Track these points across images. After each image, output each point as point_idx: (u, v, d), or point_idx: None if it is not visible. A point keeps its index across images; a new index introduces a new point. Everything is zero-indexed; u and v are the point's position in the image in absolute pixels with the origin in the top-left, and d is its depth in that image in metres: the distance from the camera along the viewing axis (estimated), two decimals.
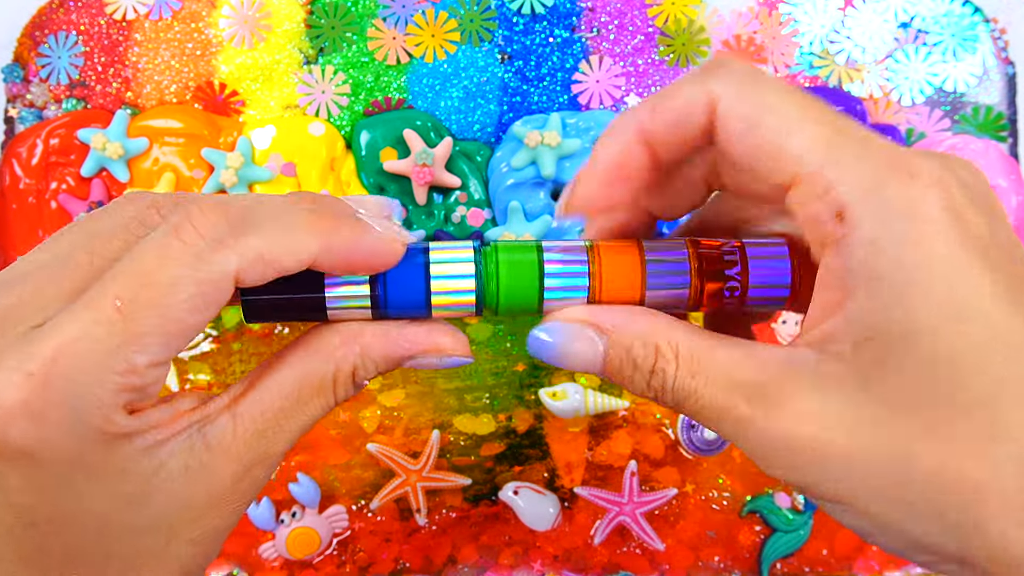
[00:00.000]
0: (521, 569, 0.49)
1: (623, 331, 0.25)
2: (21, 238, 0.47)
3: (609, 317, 0.26)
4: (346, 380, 0.27)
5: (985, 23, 0.50)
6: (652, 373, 0.25)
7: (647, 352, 0.25)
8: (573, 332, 0.26)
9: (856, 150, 0.22)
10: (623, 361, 0.25)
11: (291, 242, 0.24)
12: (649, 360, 0.25)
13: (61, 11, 0.49)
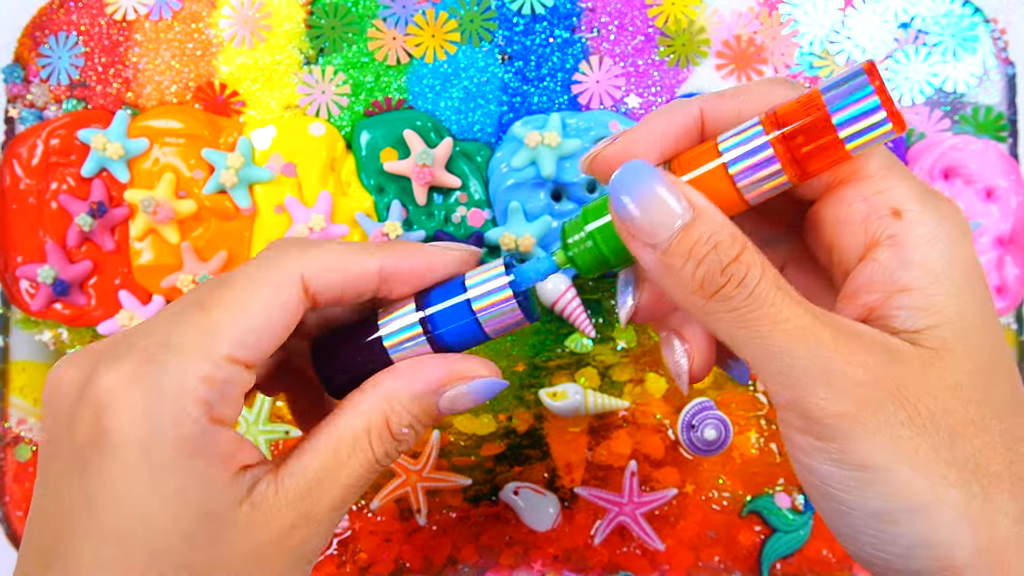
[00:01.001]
0: (521, 569, 0.49)
1: (713, 216, 0.24)
2: (21, 238, 0.47)
3: (703, 200, 0.24)
4: (380, 432, 0.27)
5: (985, 23, 0.50)
6: (735, 261, 0.23)
7: (734, 242, 0.23)
8: (659, 188, 0.24)
9: (902, 168, 0.24)
10: (701, 241, 0.23)
11: (352, 256, 0.27)
12: (733, 249, 0.23)
13: (61, 11, 0.49)
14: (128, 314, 0.46)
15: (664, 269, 0.24)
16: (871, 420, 0.22)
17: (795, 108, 0.24)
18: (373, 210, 0.48)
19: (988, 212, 0.48)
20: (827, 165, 0.24)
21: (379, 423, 0.27)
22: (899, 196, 0.24)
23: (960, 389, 0.23)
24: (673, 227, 0.23)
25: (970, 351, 0.23)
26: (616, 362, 0.49)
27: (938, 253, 0.23)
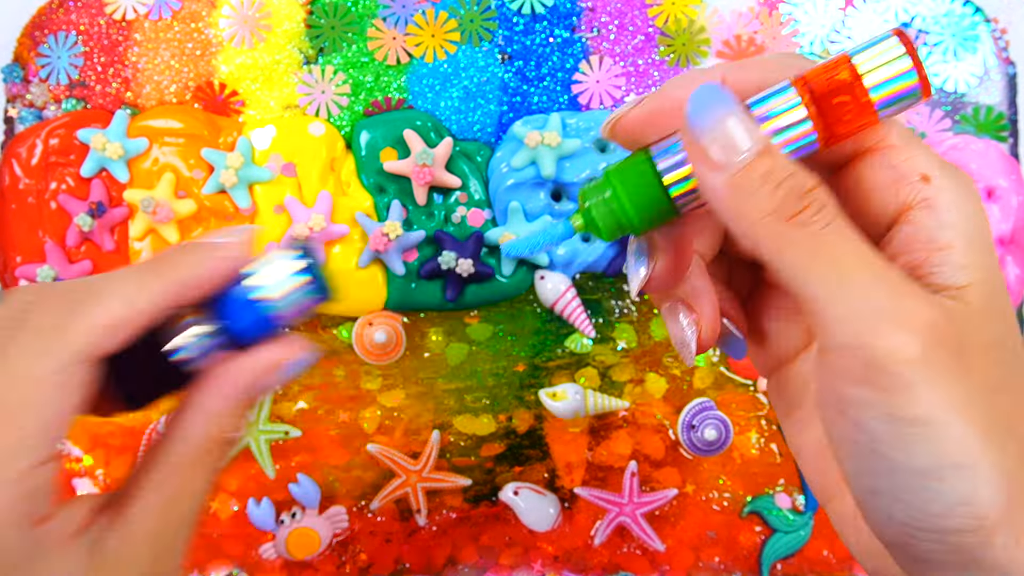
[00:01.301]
0: (521, 569, 0.49)
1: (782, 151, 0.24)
2: (21, 238, 0.47)
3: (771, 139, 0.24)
4: (211, 448, 0.27)
5: (986, 23, 0.50)
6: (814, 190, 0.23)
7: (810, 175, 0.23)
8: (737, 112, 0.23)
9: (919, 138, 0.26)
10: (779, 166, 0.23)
11: (133, 292, 0.25)
12: (811, 180, 0.23)
13: (61, 11, 0.49)
14: None
15: (735, 190, 0.23)
16: (933, 371, 0.22)
17: (825, 71, 0.24)
18: (373, 210, 0.47)
19: (988, 212, 0.48)
20: (856, 128, 0.25)
21: (209, 443, 0.27)
22: (924, 163, 0.25)
23: (996, 348, 0.23)
24: (749, 150, 0.23)
25: (1002, 310, 0.24)
26: (616, 362, 0.49)
27: (967, 215, 0.24)
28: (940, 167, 0.25)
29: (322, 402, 0.49)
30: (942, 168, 0.25)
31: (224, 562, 0.49)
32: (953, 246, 0.24)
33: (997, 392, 0.23)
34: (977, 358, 0.23)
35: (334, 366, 0.49)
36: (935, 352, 0.22)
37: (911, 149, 0.25)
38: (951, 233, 0.24)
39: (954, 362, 0.22)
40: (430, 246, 0.48)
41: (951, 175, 0.25)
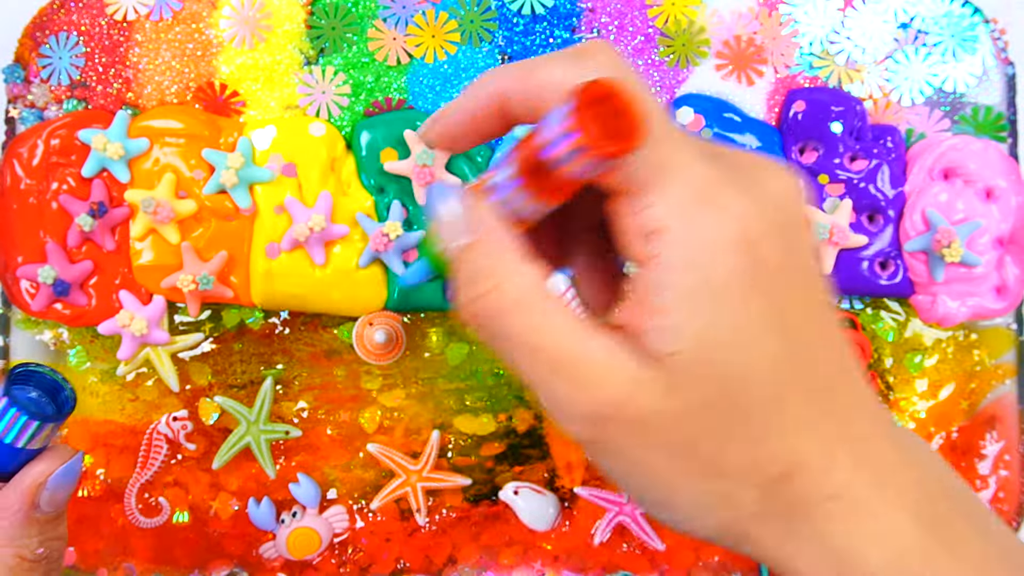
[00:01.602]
0: (521, 569, 0.49)
1: (481, 247, 0.25)
2: (22, 239, 0.47)
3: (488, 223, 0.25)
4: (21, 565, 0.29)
5: (985, 23, 0.50)
6: (481, 298, 0.25)
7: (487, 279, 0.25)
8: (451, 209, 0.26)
9: (681, 173, 0.24)
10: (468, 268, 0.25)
11: None
12: (484, 286, 0.25)
13: (62, 12, 0.49)
14: (128, 314, 0.47)
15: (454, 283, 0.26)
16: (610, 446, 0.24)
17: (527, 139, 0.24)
18: (373, 210, 0.48)
19: (988, 212, 0.48)
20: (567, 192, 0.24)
21: (16, 564, 0.29)
22: (662, 211, 0.23)
23: (701, 409, 0.24)
24: (456, 248, 0.25)
25: (715, 372, 0.23)
26: None
27: (692, 275, 0.23)
28: (683, 214, 0.23)
29: (322, 402, 0.49)
30: (686, 215, 0.23)
31: (224, 562, 0.49)
32: (663, 310, 0.23)
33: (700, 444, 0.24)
34: (671, 421, 0.24)
35: (334, 366, 0.49)
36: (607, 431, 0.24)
37: (657, 191, 0.24)
38: (667, 295, 0.23)
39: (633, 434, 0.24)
40: None
41: (695, 224, 0.23)
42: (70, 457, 0.30)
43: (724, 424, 0.24)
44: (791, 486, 0.24)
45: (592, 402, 0.24)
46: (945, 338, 0.50)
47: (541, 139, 0.23)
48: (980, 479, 0.50)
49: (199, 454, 0.49)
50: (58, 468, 0.30)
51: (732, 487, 0.25)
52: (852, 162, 0.49)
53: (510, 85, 0.26)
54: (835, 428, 0.25)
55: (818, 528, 0.24)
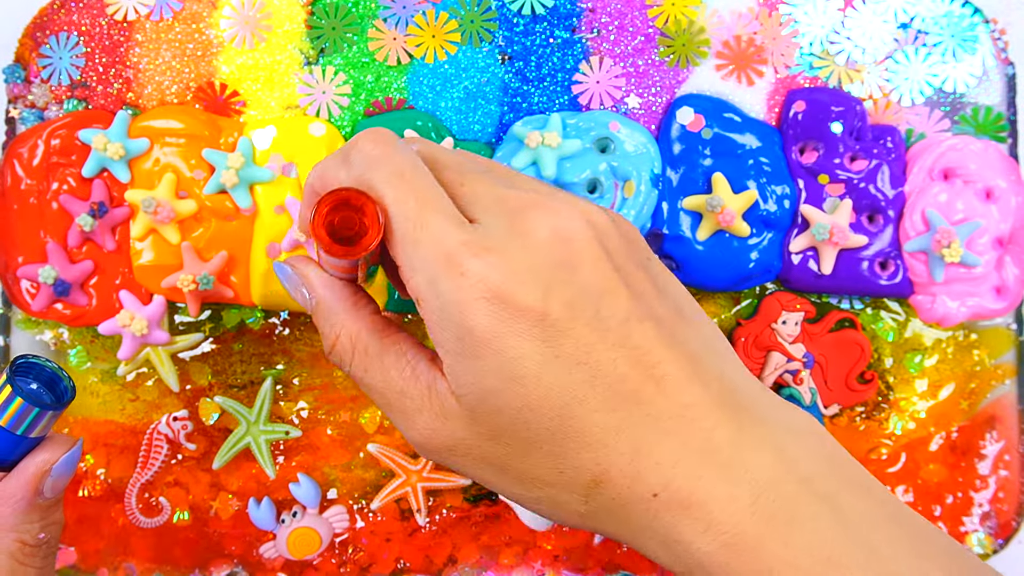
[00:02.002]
0: (521, 569, 0.49)
1: (319, 308, 0.31)
2: (22, 239, 0.47)
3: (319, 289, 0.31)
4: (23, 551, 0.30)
5: (985, 24, 0.50)
6: (330, 352, 0.30)
7: (330, 332, 0.30)
8: (296, 285, 0.32)
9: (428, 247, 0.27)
10: (319, 325, 0.31)
11: None
12: (329, 340, 0.30)
13: (62, 12, 0.49)
14: (129, 314, 0.47)
15: None
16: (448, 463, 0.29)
17: None
18: None
19: (988, 212, 0.48)
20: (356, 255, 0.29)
21: (17, 549, 0.30)
22: (416, 283, 0.27)
23: (495, 438, 0.28)
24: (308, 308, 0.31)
25: (497, 411, 0.27)
26: None
27: (447, 335, 0.27)
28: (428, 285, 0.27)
29: (322, 402, 0.49)
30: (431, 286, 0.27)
31: (224, 562, 0.49)
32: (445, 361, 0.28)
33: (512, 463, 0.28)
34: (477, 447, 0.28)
35: (334, 367, 0.49)
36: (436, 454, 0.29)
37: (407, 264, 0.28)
38: (441, 351, 0.28)
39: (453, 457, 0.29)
40: None
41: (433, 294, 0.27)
42: (71, 446, 0.32)
43: (523, 448, 0.27)
44: (608, 489, 0.27)
45: (415, 432, 0.29)
46: (945, 338, 0.50)
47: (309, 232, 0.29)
48: (980, 479, 0.50)
49: (199, 454, 0.49)
50: (61, 456, 0.31)
51: (556, 493, 0.28)
52: (852, 162, 0.49)
53: (317, 185, 0.31)
54: (650, 432, 0.26)
55: (646, 523, 0.26)
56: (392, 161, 0.28)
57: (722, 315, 0.49)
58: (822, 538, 0.25)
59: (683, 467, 0.26)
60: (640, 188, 0.47)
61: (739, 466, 0.26)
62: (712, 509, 0.25)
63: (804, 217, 0.48)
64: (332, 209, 0.28)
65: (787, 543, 0.25)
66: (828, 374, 0.49)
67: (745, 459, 0.26)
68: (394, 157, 0.28)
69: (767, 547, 0.25)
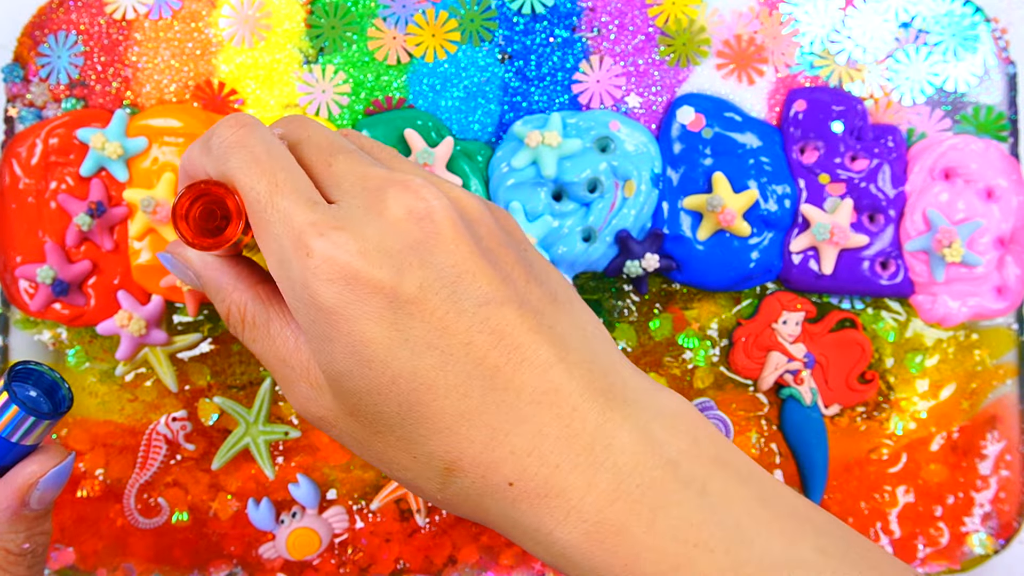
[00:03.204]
0: (521, 569, 0.49)
1: (207, 287, 0.31)
2: (21, 238, 0.47)
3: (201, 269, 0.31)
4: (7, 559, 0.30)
5: (986, 23, 0.50)
6: (225, 317, 0.31)
7: (221, 303, 0.31)
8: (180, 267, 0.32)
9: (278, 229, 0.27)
10: (210, 299, 0.32)
11: None
12: (222, 309, 0.31)
13: (61, 11, 0.49)
14: (127, 314, 0.46)
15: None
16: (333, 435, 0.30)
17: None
18: None
19: (988, 212, 0.48)
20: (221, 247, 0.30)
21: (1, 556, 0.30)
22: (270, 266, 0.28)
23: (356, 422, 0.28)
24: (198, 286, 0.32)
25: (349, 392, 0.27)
26: None
27: (299, 318, 0.27)
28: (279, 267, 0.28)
29: None
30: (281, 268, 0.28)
31: (224, 562, 0.49)
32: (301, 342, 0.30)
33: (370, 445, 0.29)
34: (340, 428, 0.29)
35: None
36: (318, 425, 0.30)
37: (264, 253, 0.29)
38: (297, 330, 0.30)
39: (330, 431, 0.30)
40: None
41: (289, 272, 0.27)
42: (63, 459, 0.31)
43: (376, 429, 0.27)
44: (462, 477, 0.26)
45: (293, 400, 0.29)
46: (946, 338, 0.50)
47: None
48: (981, 479, 0.50)
49: (198, 455, 0.49)
50: (51, 469, 0.31)
51: (413, 477, 0.28)
52: (853, 162, 0.49)
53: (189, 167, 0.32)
54: (505, 420, 0.26)
55: (505, 512, 0.26)
56: (246, 146, 0.28)
57: (722, 315, 0.49)
58: (688, 522, 0.24)
59: (538, 455, 0.25)
60: (640, 188, 0.47)
61: (601, 451, 0.25)
62: (571, 497, 0.25)
63: (805, 217, 0.48)
64: (195, 200, 0.29)
65: (651, 529, 0.24)
66: (829, 374, 0.49)
67: (609, 444, 0.25)
68: (248, 141, 0.28)
69: (631, 533, 0.24)
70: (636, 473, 0.25)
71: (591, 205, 0.47)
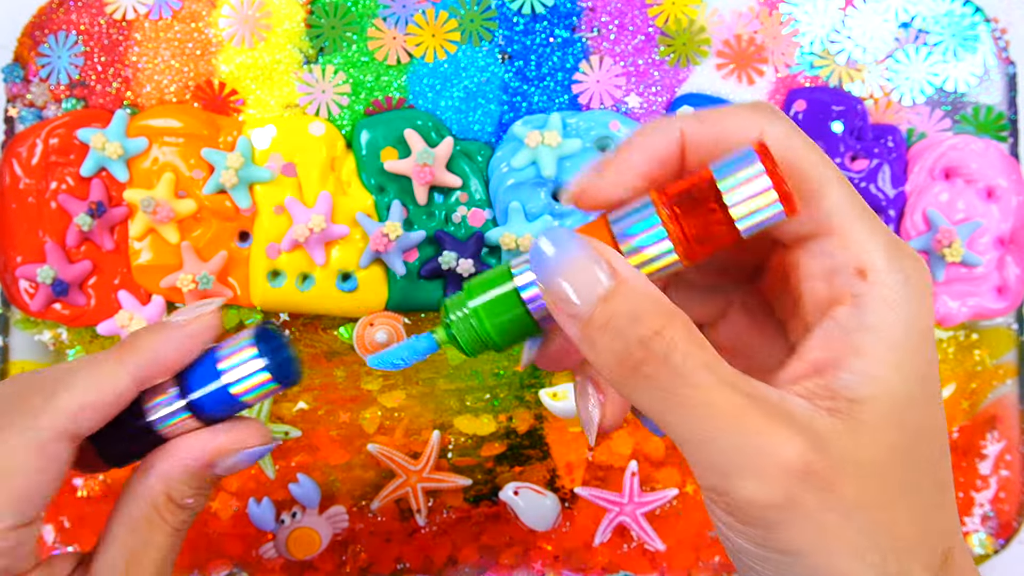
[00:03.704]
0: (521, 569, 0.49)
1: (636, 285, 0.22)
2: (21, 238, 0.47)
3: (628, 268, 0.23)
4: (167, 506, 0.29)
5: (986, 23, 0.50)
6: (657, 336, 0.22)
7: (657, 315, 0.22)
8: (582, 256, 0.23)
9: (873, 220, 0.23)
10: (620, 313, 0.22)
11: (102, 382, 0.28)
12: (657, 322, 0.22)
13: (61, 11, 0.49)
14: (127, 314, 0.46)
15: (587, 342, 0.22)
16: (798, 511, 0.21)
17: (687, 188, 0.24)
18: (374, 210, 0.47)
19: (988, 212, 0.48)
20: (720, 246, 0.24)
21: (162, 502, 0.29)
22: (867, 254, 0.23)
23: (885, 466, 0.22)
24: (595, 297, 0.22)
25: (903, 423, 0.22)
26: None
27: (898, 318, 0.22)
28: (885, 258, 0.23)
29: (322, 402, 0.49)
30: (888, 259, 0.23)
31: (224, 562, 0.49)
32: (866, 353, 0.22)
33: (882, 509, 0.22)
34: (859, 482, 0.22)
35: (335, 367, 0.49)
36: (799, 491, 0.21)
37: (857, 234, 0.23)
38: (870, 338, 0.22)
39: (823, 494, 0.21)
40: (431, 246, 0.48)
41: (896, 269, 0.23)
42: (263, 443, 0.30)
43: (900, 486, 0.22)
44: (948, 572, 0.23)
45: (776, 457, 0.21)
46: (946, 338, 0.50)
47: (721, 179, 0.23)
48: (981, 479, 0.50)
49: None
50: (250, 447, 0.30)
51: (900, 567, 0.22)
52: (853, 162, 0.49)
53: (695, 128, 0.25)
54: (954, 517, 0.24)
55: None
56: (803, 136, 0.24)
57: None
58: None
59: None
60: None
61: None
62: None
63: None
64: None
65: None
66: None
67: None
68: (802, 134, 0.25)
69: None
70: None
71: None
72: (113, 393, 0.28)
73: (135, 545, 0.29)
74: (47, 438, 0.27)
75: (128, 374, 0.28)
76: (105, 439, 0.30)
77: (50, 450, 0.27)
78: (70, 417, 0.27)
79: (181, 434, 0.30)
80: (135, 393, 0.29)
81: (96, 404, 0.28)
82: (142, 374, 0.29)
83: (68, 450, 0.28)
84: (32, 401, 0.28)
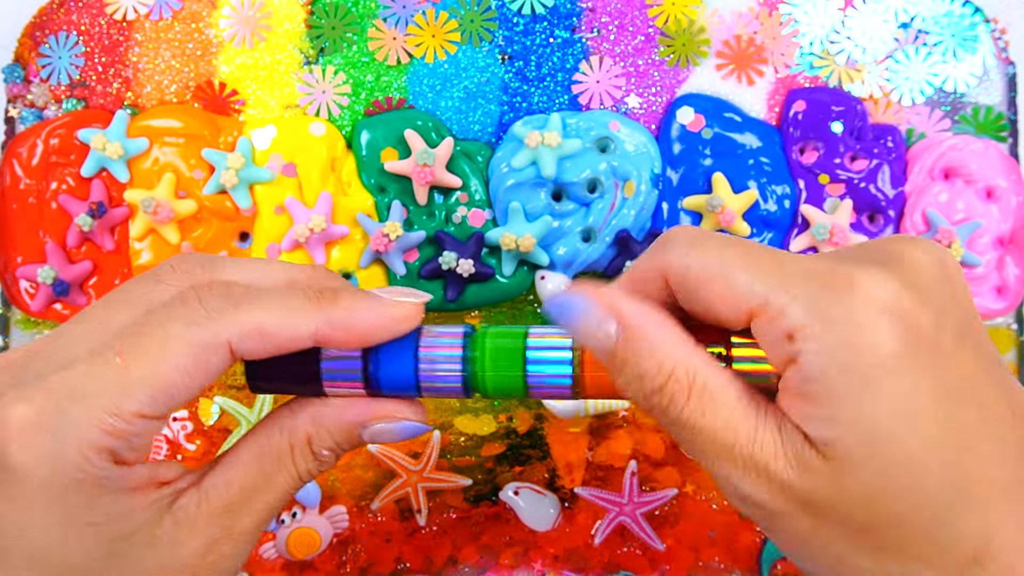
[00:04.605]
0: (521, 569, 0.49)
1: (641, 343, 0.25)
2: (21, 238, 0.47)
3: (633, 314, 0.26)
4: (303, 449, 0.28)
5: (985, 23, 0.50)
6: (657, 393, 0.25)
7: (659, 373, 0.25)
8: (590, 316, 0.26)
9: (795, 274, 0.24)
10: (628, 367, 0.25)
11: (287, 320, 0.27)
12: (657, 380, 0.25)
13: (61, 11, 0.49)
14: None
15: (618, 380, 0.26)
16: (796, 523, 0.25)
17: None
18: (374, 210, 0.47)
19: (988, 212, 0.48)
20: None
21: (302, 442, 0.28)
22: (790, 317, 0.24)
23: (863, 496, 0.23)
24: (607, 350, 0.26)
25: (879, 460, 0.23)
26: None
27: (834, 364, 0.23)
28: (809, 311, 0.24)
29: None
30: (813, 313, 0.24)
31: None
32: (814, 401, 0.23)
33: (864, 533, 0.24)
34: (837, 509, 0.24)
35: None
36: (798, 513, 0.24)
37: (778, 300, 0.24)
38: (814, 387, 0.23)
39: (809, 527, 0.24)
40: (431, 246, 0.48)
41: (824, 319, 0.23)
42: (419, 420, 0.30)
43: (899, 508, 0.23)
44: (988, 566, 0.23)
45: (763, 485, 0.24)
46: None
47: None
48: None
49: (199, 454, 0.49)
50: (403, 422, 0.29)
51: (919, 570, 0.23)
52: (852, 162, 0.49)
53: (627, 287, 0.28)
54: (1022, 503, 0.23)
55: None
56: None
57: None
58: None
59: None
60: (640, 188, 0.47)
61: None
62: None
63: (804, 217, 0.48)
64: None
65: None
66: None
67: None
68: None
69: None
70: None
71: (591, 205, 0.48)
72: (292, 334, 0.27)
73: (256, 476, 0.28)
74: (209, 342, 0.25)
75: (316, 325, 0.27)
76: (264, 366, 0.28)
77: (206, 356, 0.26)
78: (242, 333, 0.26)
79: (343, 396, 0.29)
80: (310, 345, 0.27)
81: (271, 335, 0.26)
82: (328, 332, 0.27)
83: (222, 362, 0.26)
84: (212, 300, 0.26)
